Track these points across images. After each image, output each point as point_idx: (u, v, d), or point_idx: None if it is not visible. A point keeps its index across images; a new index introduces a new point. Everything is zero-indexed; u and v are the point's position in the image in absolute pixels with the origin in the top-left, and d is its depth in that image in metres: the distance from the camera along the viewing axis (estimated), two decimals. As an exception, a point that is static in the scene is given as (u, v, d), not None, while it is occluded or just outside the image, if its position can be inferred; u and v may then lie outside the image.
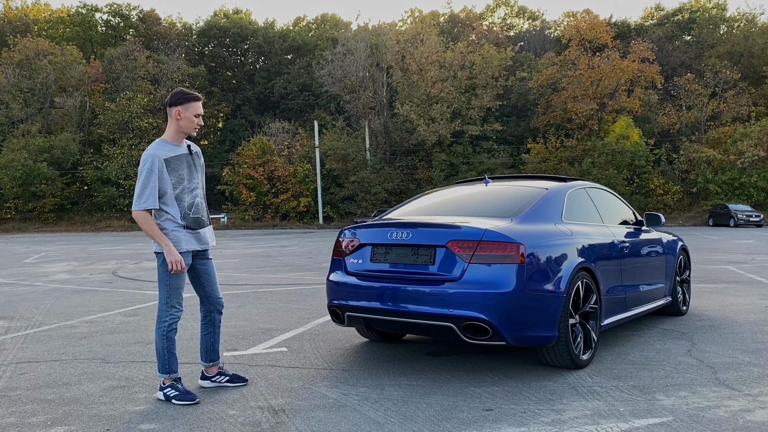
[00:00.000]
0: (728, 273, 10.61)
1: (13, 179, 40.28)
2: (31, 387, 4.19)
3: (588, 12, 46.25)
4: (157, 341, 3.89)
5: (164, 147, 3.90)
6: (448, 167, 41.19)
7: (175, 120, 3.89)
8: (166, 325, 3.87)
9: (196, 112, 3.90)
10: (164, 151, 3.88)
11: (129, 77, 45.97)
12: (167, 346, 3.88)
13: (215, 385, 4.09)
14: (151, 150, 3.85)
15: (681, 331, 5.77)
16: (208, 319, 4.14)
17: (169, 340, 3.89)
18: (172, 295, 3.87)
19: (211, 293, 4.11)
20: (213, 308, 4.13)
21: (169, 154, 3.89)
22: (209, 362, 4.14)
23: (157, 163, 3.81)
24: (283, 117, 49.80)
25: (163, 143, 3.92)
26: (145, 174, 3.79)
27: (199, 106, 3.93)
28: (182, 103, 3.86)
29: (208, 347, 4.14)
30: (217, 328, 4.15)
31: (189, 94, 3.89)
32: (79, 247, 22.33)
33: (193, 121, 3.90)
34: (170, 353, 3.89)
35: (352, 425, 3.37)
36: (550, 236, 4.49)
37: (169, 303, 3.88)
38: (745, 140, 38.47)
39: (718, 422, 3.35)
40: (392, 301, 4.33)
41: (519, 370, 4.45)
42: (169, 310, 3.88)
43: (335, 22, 57.90)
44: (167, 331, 3.88)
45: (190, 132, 3.93)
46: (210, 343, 4.14)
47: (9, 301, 8.38)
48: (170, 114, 3.90)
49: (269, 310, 7.21)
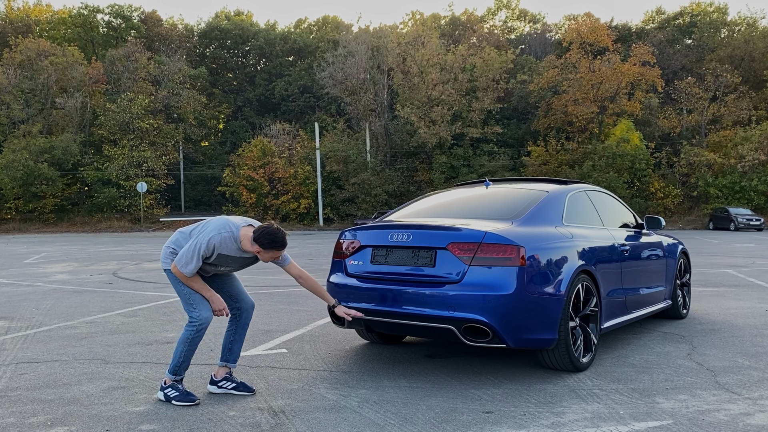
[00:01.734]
0: (728, 276, 10.61)
1: (13, 179, 40.27)
2: (31, 387, 4.19)
3: (589, 15, 46.31)
4: (179, 341, 3.88)
5: (231, 246, 3.80)
6: (449, 169, 41.20)
7: (254, 250, 3.78)
8: (194, 329, 3.85)
9: (274, 257, 3.82)
10: (227, 248, 3.80)
11: (130, 78, 45.97)
12: (187, 350, 3.86)
13: (222, 392, 4.03)
14: (217, 240, 3.74)
15: (681, 335, 5.77)
16: (234, 315, 4.13)
17: (193, 344, 3.86)
18: (196, 299, 3.86)
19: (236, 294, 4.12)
20: (240, 306, 4.11)
21: (228, 253, 3.81)
22: (223, 361, 4.10)
23: (209, 252, 3.75)
24: (284, 119, 49.83)
25: (235, 243, 3.80)
26: (194, 250, 3.73)
27: (281, 253, 3.82)
28: (266, 248, 3.75)
29: (226, 344, 4.12)
30: (241, 328, 4.11)
31: (275, 241, 3.74)
32: (80, 247, 22.33)
33: (267, 260, 3.83)
34: (186, 358, 3.88)
35: (351, 427, 3.37)
36: (551, 239, 4.50)
37: (197, 308, 3.86)
38: (746, 144, 38.49)
39: (717, 425, 3.35)
40: (392, 303, 4.33)
41: (519, 373, 4.45)
42: (200, 313, 3.85)
43: (336, 24, 57.96)
44: (194, 335, 3.85)
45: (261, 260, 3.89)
46: (229, 341, 4.11)
47: (9, 302, 8.38)
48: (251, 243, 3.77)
49: (269, 312, 7.21)
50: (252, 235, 3.76)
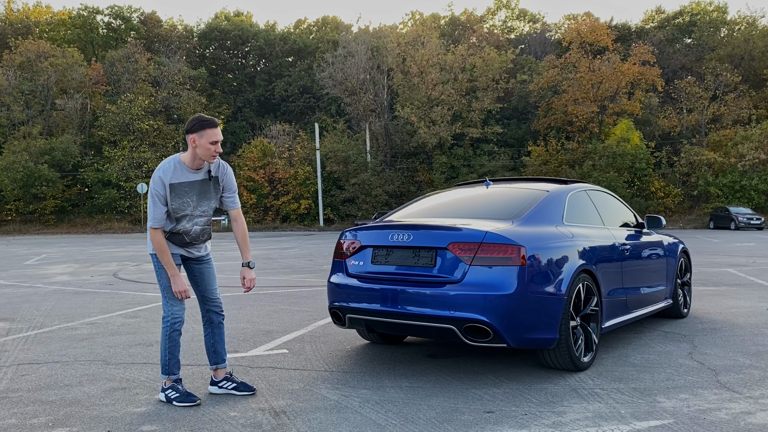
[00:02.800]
0: (729, 276, 10.61)
1: (14, 181, 40.29)
2: (32, 388, 4.19)
3: (589, 15, 46.36)
4: (161, 340, 3.91)
5: (176, 170, 3.77)
6: (449, 170, 41.22)
7: (191, 147, 3.74)
8: (168, 325, 3.88)
9: (212, 140, 3.71)
10: (174, 175, 3.76)
11: (130, 79, 46.00)
12: (169, 347, 3.88)
13: (223, 392, 4.02)
14: (159, 172, 3.74)
15: (682, 334, 5.77)
16: (206, 319, 4.13)
17: (172, 340, 3.87)
18: (170, 294, 3.87)
19: (205, 294, 4.08)
20: (209, 309, 4.10)
21: (178, 180, 3.76)
22: (212, 365, 4.12)
23: (161, 188, 3.73)
24: (284, 119, 49.84)
25: (177, 165, 3.77)
26: (150, 197, 3.75)
27: (216, 132, 3.72)
28: (197, 130, 3.69)
29: (209, 348, 4.13)
30: (216, 329, 4.10)
31: (204, 120, 3.71)
32: (80, 248, 22.33)
33: (210, 148, 3.72)
34: (171, 354, 3.89)
35: (353, 427, 3.37)
36: (551, 238, 4.50)
37: (169, 302, 3.88)
38: (746, 143, 38.51)
39: (719, 424, 3.35)
40: (393, 303, 4.33)
41: (520, 373, 4.45)
42: (170, 308, 3.88)
43: (336, 25, 57.96)
44: (170, 331, 3.87)
45: (208, 159, 3.76)
46: (210, 344, 4.12)
47: (10, 303, 8.38)
48: (187, 140, 3.76)
49: (270, 312, 7.22)
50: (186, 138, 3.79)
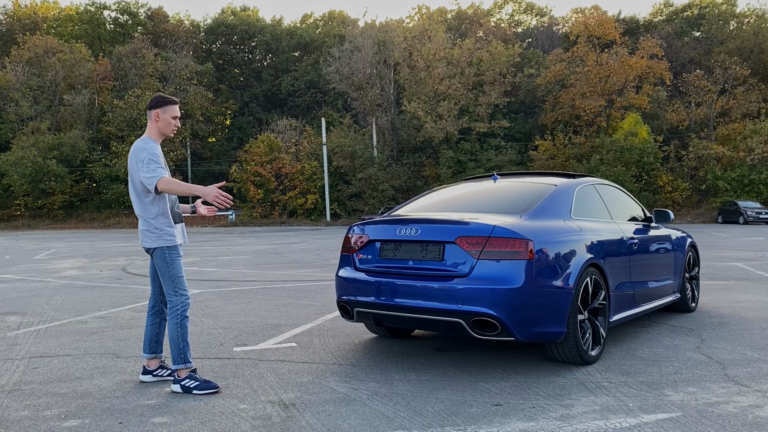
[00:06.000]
0: (737, 270, 10.57)
1: (22, 176, 40.55)
2: (44, 381, 4.24)
3: (596, 8, 46.03)
4: (171, 332, 3.99)
5: (153, 142, 4.05)
6: (456, 164, 41.15)
7: (154, 122, 4.06)
8: (179, 314, 3.99)
9: (173, 115, 4.08)
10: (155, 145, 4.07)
11: (137, 75, 46.15)
12: (182, 335, 3.99)
13: (157, 380, 4.19)
14: (146, 143, 3.99)
15: (690, 328, 5.76)
16: (157, 309, 4.24)
17: (183, 328, 4.00)
18: (176, 283, 4.01)
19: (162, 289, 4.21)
20: (164, 301, 4.21)
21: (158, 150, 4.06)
22: (150, 354, 4.21)
23: (159, 151, 4.00)
24: (291, 114, 49.87)
25: (150, 140, 4.06)
26: (148, 162, 3.89)
27: (176, 109, 4.11)
28: (161, 105, 4.05)
29: (152, 338, 4.22)
30: (164, 321, 4.24)
31: (167, 98, 4.10)
32: (89, 243, 22.47)
33: (171, 123, 4.08)
34: (185, 342, 4.00)
35: (362, 419, 3.40)
36: (559, 232, 4.50)
37: (177, 292, 4.01)
38: (755, 137, 38.22)
39: (726, 418, 3.36)
40: (401, 296, 4.35)
41: (527, 366, 4.46)
42: (179, 298, 4.01)
43: (342, 19, 57.93)
44: (181, 319, 3.99)
45: (168, 134, 4.12)
46: (155, 334, 4.23)
47: (20, 297, 8.46)
48: (150, 116, 4.08)
49: (278, 306, 7.25)
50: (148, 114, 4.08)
